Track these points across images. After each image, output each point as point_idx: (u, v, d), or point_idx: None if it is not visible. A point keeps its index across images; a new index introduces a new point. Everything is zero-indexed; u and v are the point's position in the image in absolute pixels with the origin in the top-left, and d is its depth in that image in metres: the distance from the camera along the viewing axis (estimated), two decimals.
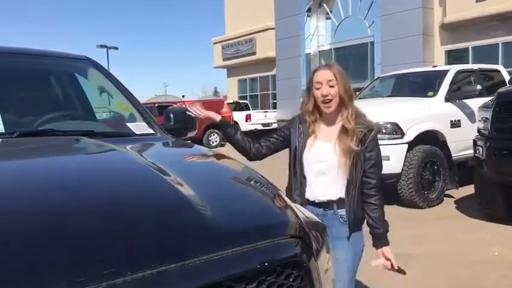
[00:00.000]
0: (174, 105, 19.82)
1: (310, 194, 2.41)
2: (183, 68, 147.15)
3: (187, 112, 2.86)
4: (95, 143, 1.97)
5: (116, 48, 37.66)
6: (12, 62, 2.66)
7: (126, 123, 2.59)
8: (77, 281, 0.94)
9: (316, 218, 1.85)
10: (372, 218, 2.39)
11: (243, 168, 1.94)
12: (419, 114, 7.17)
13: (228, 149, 2.68)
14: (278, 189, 1.74)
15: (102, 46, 36.14)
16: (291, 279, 1.30)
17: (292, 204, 1.66)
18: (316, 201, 2.41)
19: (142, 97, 41.22)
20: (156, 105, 19.37)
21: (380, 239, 2.41)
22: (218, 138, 19.91)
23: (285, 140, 2.50)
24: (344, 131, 2.34)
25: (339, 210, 2.39)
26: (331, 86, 2.32)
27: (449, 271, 4.34)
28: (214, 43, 31.05)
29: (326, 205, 2.40)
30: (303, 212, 1.68)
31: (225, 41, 30.02)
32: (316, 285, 1.40)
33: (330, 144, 2.35)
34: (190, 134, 3.01)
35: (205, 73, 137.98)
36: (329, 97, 2.31)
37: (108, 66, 46.60)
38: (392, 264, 2.41)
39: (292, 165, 2.45)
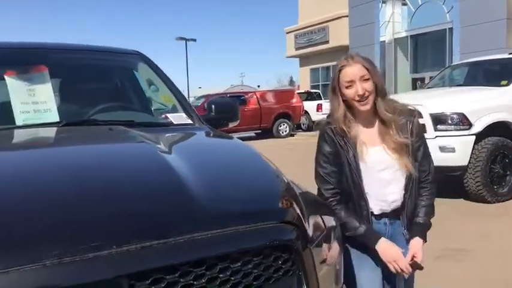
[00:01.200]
0: (246, 96, 20.19)
1: (381, 207, 2.15)
2: (260, 58, 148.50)
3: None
4: (124, 133, 2.17)
5: (194, 40, 38.88)
6: (67, 58, 2.95)
7: (167, 114, 2.78)
8: (67, 250, 1.10)
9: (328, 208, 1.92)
10: (417, 206, 2.17)
11: (254, 155, 2.03)
12: (490, 104, 6.79)
13: (298, 139, 2.71)
14: (284, 175, 1.82)
15: (181, 38, 37.52)
16: (280, 262, 1.40)
17: (297, 192, 1.74)
18: (388, 211, 2.17)
19: (219, 87, 42.25)
20: (228, 95, 19.81)
21: (416, 229, 2.15)
22: (288, 128, 20.02)
23: (337, 162, 2.13)
24: (386, 126, 2.10)
25: (402, 212, 2.20)
26: (365, 80, 2.04)
27: (506, 271, 4.14)
28: (287, 32, 31.07)
29: (393, 214, 2.19)
30: (316, 200, 1.78)
31: (297, 30, 29.94)
32: (309, 271, 1.47)
33: (380, 147, 2.11)
34: (231, 124, 3.14)
35: (281, 63, 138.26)
36: (365, 94, 2.04)
37: (186, 58, 48.09)
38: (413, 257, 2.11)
39: (349, 184, 2.10)
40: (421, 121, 2.30)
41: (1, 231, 1.15)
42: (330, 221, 1.82)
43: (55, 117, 2.49)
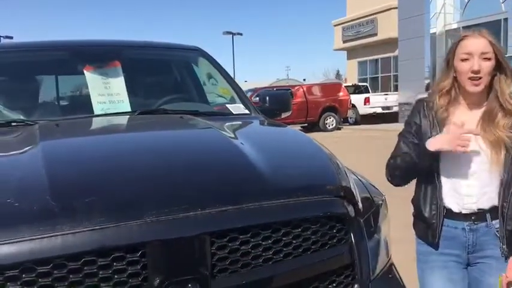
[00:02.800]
0: (293, 89, 20.33)
1: (454, 202, 1.91)
2: (305, 51, 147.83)
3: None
4: (193, 120, 2.46)
5: (241, 34, 39.31)
6: (137, 54, 3.28)
7: (226, 105, 3.04)
8: (162, 211, 1.36)
9: (372, 188, 2.06)
10: None
11: (308, 140, 2.25)
12: None
13: (345, 132, 2.82)
14: (336, 159, 2.03)
15: (228, 33, 38.04)
16: (334, 231, 1.62)
17: (347, 172, 1.94)
18: (463, 211, 1.90)
19: (265, 81, 42.56)
20: (275, 89, 20.02)
21: None
22: (334, 121, 20.01)
23: (420, 136, 1.95)
24: (491, 116, 1.86)
25: (493, 222, 1.89)
26: (486, 59, 1.82)
27: None
28: (335, 25, 30.90)
29: (476, 216, 1.90)
30: (360, 179, 1.99)
31: (345, 22, 29.73)
32: (360, 241, 1.68)
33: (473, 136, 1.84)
34: (284, 115, 3.36)
35: (327, 56, 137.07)
36: (480, 74, 1.82)
37: (233, 51, 48.75)
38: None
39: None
40: None
41: (113, 195, 1.44)
42: (379, 199, 2.02)
43: (127, 108, 2.79)
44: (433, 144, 1.83)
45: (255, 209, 1.47)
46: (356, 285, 1.66)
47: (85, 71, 2.91)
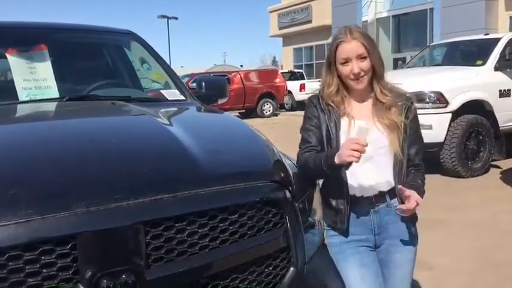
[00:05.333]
0: (230, 75, 20.25)
1: (356, 187, 2.00)
2: (242, 37, 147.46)
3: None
4: (126, 106, 2.39)
5: (176, 18, 38.60)
6: (65, 37, 3.11)
7: (161, 91, 2.97)
8: (93, 201, 1.31)
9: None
10: (408, 180, 2.01)
11: (244, 126, 2.26)
12: (465, 83, 7.10)
13: (282, 118, 2.83)
14: (272, 144, 2.05)
15: (163, 16, 37.20)
16: (270, 216, 1.64)
17: (282, 157, 1.96)
18: (365, 195, 2.01)
19: (202, 67, 42.07)
20: (212, 75, 19.85)
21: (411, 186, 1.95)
22: (271, 107, 20.22)
23: (320, 128, 2.03)
24: (381, 105, 2.01)
25: (392, 201, 2.02)
26: (363, 58, 1.94)
27: (474, 239, 4.46)
28: (271, 12, 31.04)
29: (376, 198, 2.02)
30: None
31: (281, 9, 29.93)
32: (294, 224, 1.71)
33: (368, 121, 1.96)
34: (221, 101, 3.34)
35: (264, 42, 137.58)
36: (361, 74, 1.94)
37: (168, 36, 47.87)
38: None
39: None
40: None
41: (39, 186, 1.36)
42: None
43: (55, 94, 2.66)
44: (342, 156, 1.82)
45: (190, 197, 1.45)
46: (292, 268, 1.68)
47: (7, 55, 2.73)
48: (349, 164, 1.78)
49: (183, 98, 2.90)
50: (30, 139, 1.77)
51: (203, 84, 3.21)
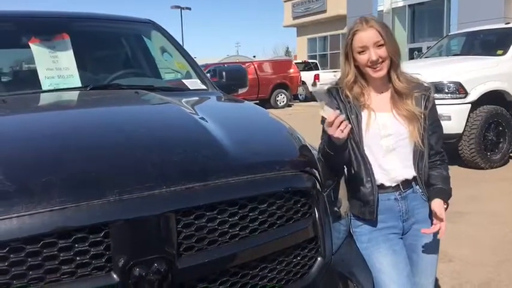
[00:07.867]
0: (244, 66, 20.16)
1: (383, 177, 2.03)
2: (255, 28, 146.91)
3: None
4: (149, 95, 2.38)
5: (189, 9, 38.58)
6: (87, 26, 3.11)
7: (182, 80, 2.97)
8: (126, 189, 1.31)
9: None
10: (431, 177, 2.07)
11: (270, 116, 2.24)
12: (485, 73, 6.97)
13: (296, 109, 2.83)
14: (298, 134, 2.03)
15: (176, 7, 37.15)
16: (299, 205, 1.62)
17: (309, 146, 1.94)
18: (393, 184, 2.04)
19: (215, 57, 42.00)
20: (226, 65, 19.81)
21: (435, 193, 2.04)
22: (285, 98, 20.12)
23: None
24: (400, 95, 2.01)
25: (417, 187, 2.07)
26: (380, 46, 1.94)
27: (494, 230, 4.41)
28: (285, 1, 30.81)
29: (403, 185, 2.05)
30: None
31: None
32: (322, 214, 1.69)
33: (389, 114, 2.01)
34: (241, 91, 3.33)
35: (277, 33, 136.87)
36: (379, 60, 1.94)
37: (182, 26, 47.91)
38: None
39: (349, 149, 1.97)
40: None
41: (72, 174, 1.36)
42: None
43: (77, 83, 2.66)
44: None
45: (221, 186, 1.44)
46: (319, 258, 1.67)
47: (30, 44, 2.73)
48: (346, 141, 1.83)
49: (205, 87, 2.89)
50: (60, 128, 1.77)
51: (224, 74, 3.20)
